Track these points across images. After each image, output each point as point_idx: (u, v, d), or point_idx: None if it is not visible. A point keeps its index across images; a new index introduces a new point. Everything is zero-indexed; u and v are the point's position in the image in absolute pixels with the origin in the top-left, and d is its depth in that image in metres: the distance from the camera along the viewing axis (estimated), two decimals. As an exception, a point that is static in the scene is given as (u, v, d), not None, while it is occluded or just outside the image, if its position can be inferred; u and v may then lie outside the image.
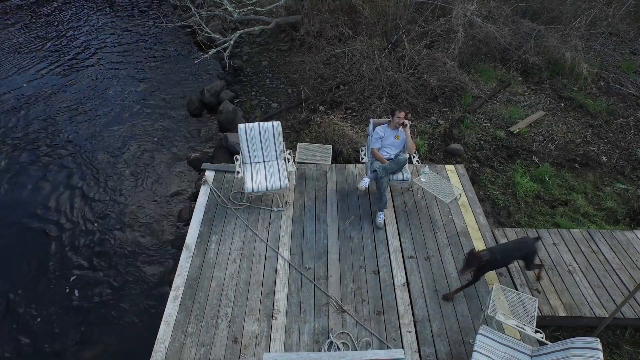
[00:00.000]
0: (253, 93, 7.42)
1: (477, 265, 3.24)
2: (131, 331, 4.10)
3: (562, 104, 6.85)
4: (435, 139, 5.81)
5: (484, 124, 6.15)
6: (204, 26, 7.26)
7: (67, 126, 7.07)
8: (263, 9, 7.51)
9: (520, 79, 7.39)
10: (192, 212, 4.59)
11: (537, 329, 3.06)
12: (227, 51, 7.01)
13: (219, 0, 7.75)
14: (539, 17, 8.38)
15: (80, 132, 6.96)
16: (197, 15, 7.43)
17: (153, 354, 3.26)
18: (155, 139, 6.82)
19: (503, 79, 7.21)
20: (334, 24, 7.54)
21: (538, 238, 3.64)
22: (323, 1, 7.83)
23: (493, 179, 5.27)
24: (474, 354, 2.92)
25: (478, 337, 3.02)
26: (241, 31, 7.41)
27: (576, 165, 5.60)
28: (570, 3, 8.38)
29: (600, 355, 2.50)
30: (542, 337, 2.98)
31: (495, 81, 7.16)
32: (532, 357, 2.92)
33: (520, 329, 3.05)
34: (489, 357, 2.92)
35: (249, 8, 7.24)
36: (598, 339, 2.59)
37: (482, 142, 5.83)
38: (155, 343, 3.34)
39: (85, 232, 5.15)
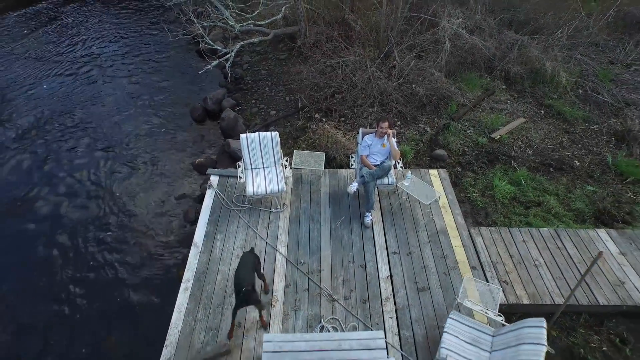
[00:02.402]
0: (253, 101, 7.90)
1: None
2: (146, 320, 4.58)
3: (542, 111, 7.34)
4: (421, 145, 6.29)
5: (468, 131, 6.64)
6: (207, 37, 7.74)
7: (76, 131, 7.56)
8: (262, 22, 7.97)
9: (504, 87, 7.87)
10: (198, 212, 5.09)
11: (499, 314, 3.55)
12: (229, 62, 7.49)
13: (220, 12, 8.22)
14: (524, 28, 8.87)
15: (88, 136, 7.45)
16: (200, 27, 7.91)
17: (167, 337, 3.75)
18: (161, 145, 7.30)
19: (488, 88, 7.70)
20: (329, 35, 8.03)
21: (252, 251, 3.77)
22: (319, 14, 8.32)
23: (474, 182, 5.75)
24: (444, 335, 3.41)
25: (449, 320, 3.51)
26: (242, 42, 7.90)
27: (551, 169, 6.08)
28: (552, 14, 8.88)
29: (544, 332, 2.99)
30: (502, 320, 3.47)
31: (480, 89, 7.64)
32: (493, 337, 3.41)
33: (484, 313, 3.54)
34: (457, 337, 3.41)
35: (249, 22, 7.70)
36: (544, 319, 3.08)
37: (465, 147, 6.32)
38: (169, 328, 3.82)
39: (98, 231, 5.63)
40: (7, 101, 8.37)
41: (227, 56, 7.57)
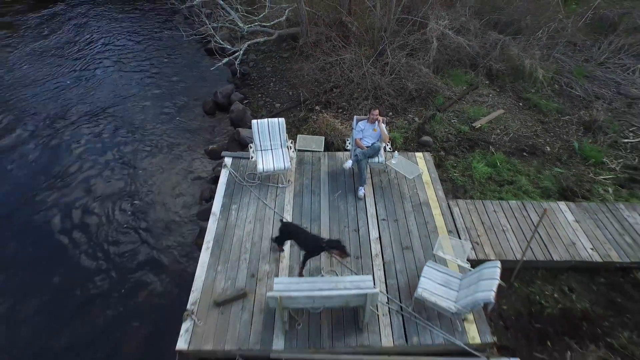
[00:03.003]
0: (259, 95, 8.69)
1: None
2: (172, 277, 5.36)
3: (520, 104, 8.14)
4: (410, 133, 7.08)
5: (452, 121, 7.43)
6: (217, 37, 8.52)
7: (100, 119, 8.36)
8: (267, 23, 8.75)
9: (487, 82, 8.67)
10: (212, 192, 5.87)
11: (467, 262, 4.33)
12: (238, 60, 8.28)
13: (229, 14, 8.98)
14: (508, 29, 9.66)
15: (111, 123, 8.24)
16: (211, 27, 8.68)
17: (193, 285, 4.53)
18: (177, 132, 8.10)
19: (472, 82, 8.49)
20: (328, 36, 8.82)
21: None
22: (319, 16, 9.11)
23: (455, 164, 6.54)
24: (421, 278, 4.20)
25: (425, 268, 4.31)
26: (249, 42, 8.67)
27: (524, 153, 6.87)
28: (531, 16, 9.67)
29: (498, 270, 3.77)
30: (469, 266, 4.26)
31: (465, 84, 8.44)
32: (460, 280, 4.19)
33: (455, 262, 4.33)
34: (432, 280, 4.20)
35: (256, 24, 8.48)
36: (499, 261, 3.87)
37: (449, 135, 7.11)
38: (194, 279, 4.60)
39: (126, 203, 6.42)
40: (36, 95, 9.15)
41: (236, 54, 8.34)
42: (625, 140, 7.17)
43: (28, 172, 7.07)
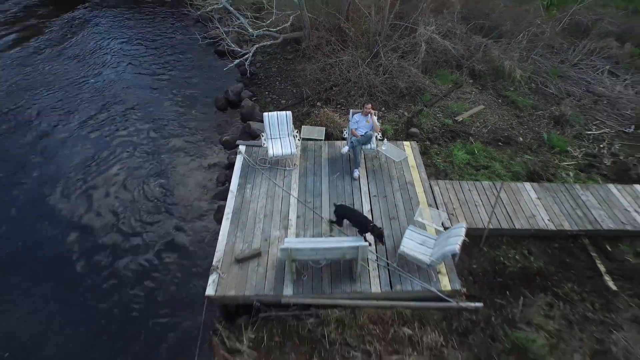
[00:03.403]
0: (266, 92, 9.67)
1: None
2: (196, 243, 6.35)
3: (499, 100, 9.12)
4: (400, 125, 8.07)
5: (437, 115, 8.41)
6: (229, 41, 9.50)
7: (126, 112, 9.35)
8: (273, 28, 9.73)
9: (470, 81, 9.65)
10: (227, 177, 6.83)
11: (442, 226, 5.31)
12: (248, 61, 9.26)
13: (239, 20, 9.96)
14: (492, 33, 10.64)
15: (133, 120, 9.22)
16: (223, 32, 9.67)
17: (217, 247, 5.50)
18: (194, 124, 9.09)
19: (457, 81, 9.48)
20: (328, 39, 9.81)
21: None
22: (320, 22, 10.10)
23: (438, 152, 7.51)
24: (403, 239, 5.18)
25: (406, 231, 5.29)
26: (257, 45, 9.64)
27: (500, 143, 7.85)
28: (513, 22, 10.65)
29: (464, 230, 4.74)
30: (443, 229, 5.23)
31: (451, 83, 9.42)
32: (435, 240, 5.17)
33: (431, 226, 5.31)
34: (412, 240, 5.18)
35: (264, 29, 9.46)
36: (465, 223, 4.85)
37: (434, 127, 8.09)
38: (218, 243, 5.58)
39: (152, 183, 7.41)
40: (69, 92, 10.14)
41: (246, 56, 9.32)
42: (589, 132, 8.16)
43: (74, 157, 8.10)
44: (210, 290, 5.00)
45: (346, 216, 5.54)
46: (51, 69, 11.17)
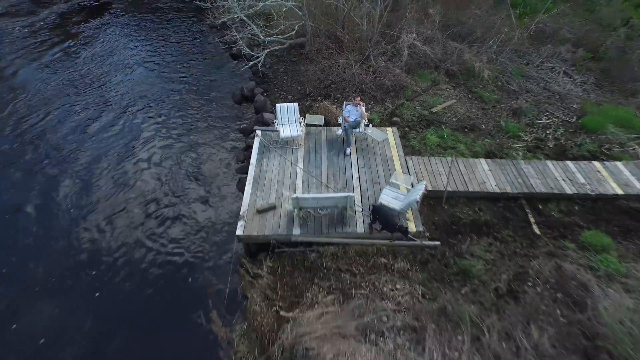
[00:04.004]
0: (275, 89, 11.52)
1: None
2: (223, 204, 8.21)
3: (469, 96, 10.95)
4: (385, 115, 9.90)
5: (416, 107, 10.24)
6: (244, 46, 11.34)
7: (155, 104, 11.20)
8: (281, 36, 11.57)
9: (446, 80, 11.48)
10: (245, 156, 8.68)
11: (411, 186, 7.15)
12: (260, 63, 11.11)
13: (252, 28, 11.78)
14: (467, 39, 12.47)
15: (164, 112, 11.07)
16: (239, 38, 11.50)
17: (242, 202, 7.35)
18: (215, 117, 10.93)
19: (434, 80, 11.31)
20: (327, 45, 11.66)
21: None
22: (320, 30, 11.95)
23: (415, 136, 9.33)
24: (381, 195, 7.03)
25: (384, 189, 7.13)
26: (268, 49, 11.48)
27: (466, 129, 9.68)
28: (485, 29, 12.49)
29: (424, 185, 6.57)
30: (409, 188, 7.07)
31: (429, 81, 11.25)
32: (404, 195, 7.01)
33: (403, 186, 7.15)
34: (387, 195, 7.02)
35: (273, 37, 11.30)
36: (425, 182, 6.68)
37: (413, 117, 9.92)
38: (243, 200, 7.42)
39: (184, 165, 9.26)
40: (107, 87, 12.02)
41: (258, 59, 11.16)
42: (539, 121, 9.99)
43: (122, 139, 10.01)
44: (239, 231, 6.85)
45: (379, 215, 6.59)
46: (89, 69, 13.04)
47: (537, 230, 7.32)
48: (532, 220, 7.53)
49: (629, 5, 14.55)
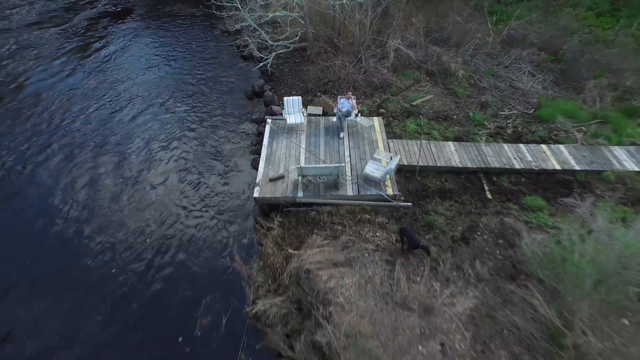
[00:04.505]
0: (281, 86, 13.53)
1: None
2: (241, 177, 10.23)
3: (445, 92, 12.93)
4: (373, 107, 11.90)
5: (400, 101, 12.23)
6: (255, 49, 13.34)
7: (180, 97, 13.22)
8: (287, 41, 13.57)
9: (427, 78, 13.46)
10: (257, 141, 10.72)
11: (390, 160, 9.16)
12: (269, 64, 13.12)
13: (260, 34, 13.78)
14: (446, 43, 14.45)
15: (189, 103, 13.09)
16: (251, 43, 13.50)
17: (258, 175, 9.35)
18: (230, 110, 12.94)
19: (416, 78, 13.29)
20: (325, 49, 13.67)
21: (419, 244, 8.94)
22: (320, 36, 13.97)
23: (397, 124, 11.32)
24: (366, 167, 9.03)
25: (368, 163, 9.14)
26: (275, 52, 13.48)
27: (440, 119, 11.67)
28: (462, 34, 14.47)
29: (399, 158, 8.56)
30: (388, 162, 9.08)
31: (412, 79, 13.24)
32: (384, 167, 9.00)
33: (383, 159, 9.15)
34: (371, 167, 9.02)
35: (280, 42, 13.31)
36: (400, 156, 8.68)
37: (396, 109, 11.90)
38: (258, 171, 9.43)
39: (206, 147, 11.27)
40: (136, 84, 14.05)
41: (267, 61, 13.17)
42: (502, 113, 11.97)
43: (151, 128, 12.02)
44: (256, 194, 8.85)
45: (406, 235, 7.67)
46: (120, 68, 15.08)
47: (489, 196, 9.31)
48: (486, 188, 9.51)
49: (592, 15, 16.55)
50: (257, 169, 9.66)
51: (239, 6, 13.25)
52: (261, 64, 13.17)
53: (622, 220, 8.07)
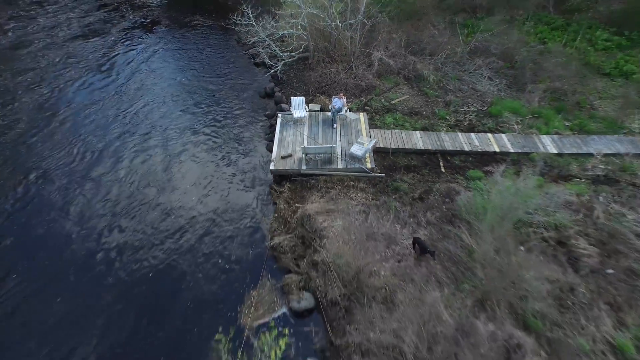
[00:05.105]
0: (288, 88, 16.86)
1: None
2: (259, 155, 13.58)
3: (418, 93, 16.22)
4: (360, 105, 15.20)
5: (381, 100, 15.53)
6: (267, 58, 16.68)
7: (200, 99, 16.56)
8: (293, 52, 16.89)
9: (405, 82, 16.75)
10: (271, 130, 14.08)
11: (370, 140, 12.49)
12: (279, 70, 16.45)
13: (272, 48, 17.06)
14: (422, 53, 17.73)
15: (206, 102, 16.43)
16: (263, 53, 16.83)
17: (272, 154, 12.69)
18: (246, 107, 16.28)
19: (396, 82, 16.59)
20: (323, 58, 17.01)
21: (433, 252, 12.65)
22: (319, 48, 17.31)
23: (378, 118, 14.62)
24: (351, 148, 12.36)
25: (353, 145, 12.47)
26: (283, 61, 16.80)
27: (412, 114, 14.96)
28: (435, 45, 17.76)
29: (375, 141, 11.87)
30: (364, 143, 12.41)
31: (392, 83, 16.54)
32: (365, 148, 12.31)
33: (364, 142, 12.48)
34: (356, 147, 12.35)
35: (288, 52, 16.64)
36: (377, 139, 12.00)
37: (379, 107, 15.20)
38: (273, 152, 12.78)
39: (229, 134, 14.61)
40: (163, 89, 17.41)
41: (277, 68, 16.48)
42: (462, 110, 15.25)
43: (178, 122, 15.37)
44: (271, 167, 12.22)
45: (418, 243, 9.62)
46: (153, 73, 18.44)
47: (443, 170, 12.60)
48: (441, 164, 12.81)
49: (547, 29, 19.82)
50: (271, 151, 13.00)
51: (254, 22, 16.59)
52: (272, 71, 16.51)
53: (539, 187, 11.33)
